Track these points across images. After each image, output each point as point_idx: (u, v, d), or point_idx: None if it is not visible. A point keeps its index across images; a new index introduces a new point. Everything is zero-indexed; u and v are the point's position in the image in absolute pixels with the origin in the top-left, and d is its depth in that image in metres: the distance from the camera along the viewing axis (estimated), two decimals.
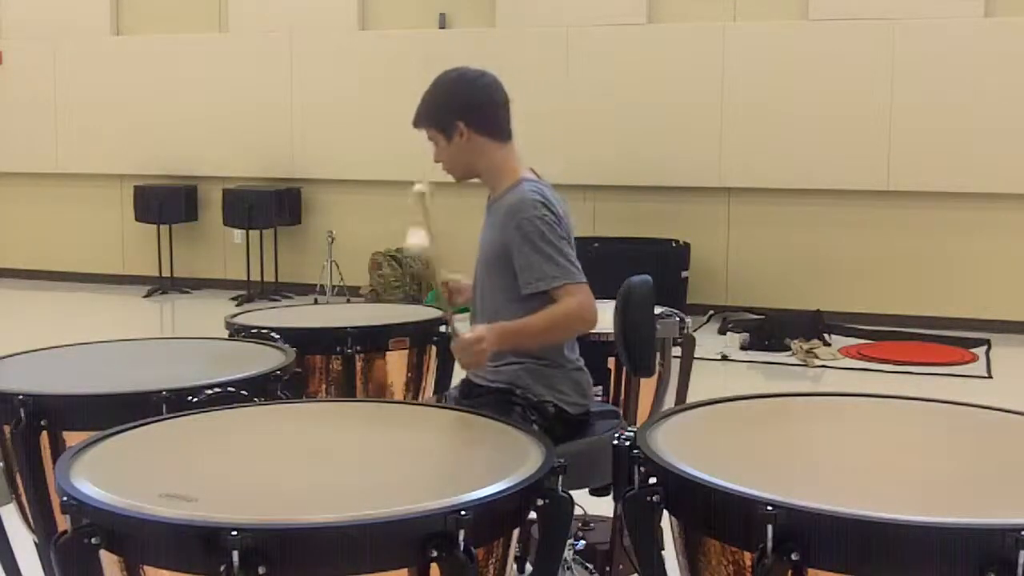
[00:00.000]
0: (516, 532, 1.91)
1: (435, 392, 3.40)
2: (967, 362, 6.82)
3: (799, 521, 1.61)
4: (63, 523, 1.71)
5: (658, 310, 2.92)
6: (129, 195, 9.38)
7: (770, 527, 1.61)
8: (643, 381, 3.09)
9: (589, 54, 8.20)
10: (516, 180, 2.66)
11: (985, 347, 7.12)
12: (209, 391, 2.37)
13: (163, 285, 9.29)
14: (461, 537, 1.64)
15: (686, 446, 1.94)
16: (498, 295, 2.64)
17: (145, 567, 1.68)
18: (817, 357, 6.83)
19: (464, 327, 2.60)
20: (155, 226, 9.29)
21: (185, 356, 2.92)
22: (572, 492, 1.93)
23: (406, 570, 1.66)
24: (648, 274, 2.83)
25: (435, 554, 1.64)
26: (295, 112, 9.02)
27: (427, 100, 2.68)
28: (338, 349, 3.16)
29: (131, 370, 2.70)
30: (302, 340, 3.02)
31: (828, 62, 7.74)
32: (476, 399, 2.66)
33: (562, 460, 1.90)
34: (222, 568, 1.56)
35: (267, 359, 2.71)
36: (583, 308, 2.52)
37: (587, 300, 2.53)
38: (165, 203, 9.16)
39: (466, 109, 2.64)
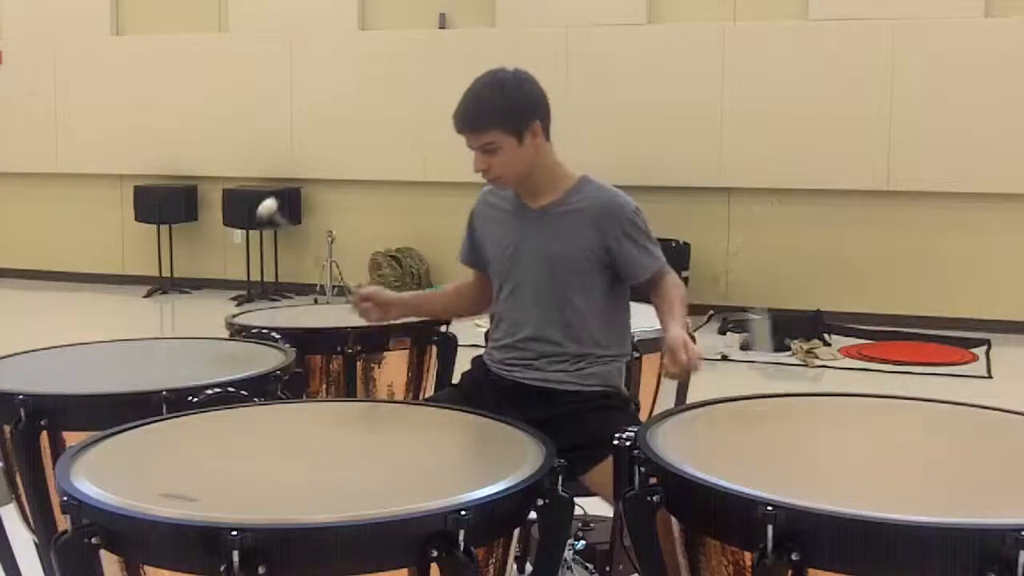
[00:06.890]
0: (516, 532, 1.91)
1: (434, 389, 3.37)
2: (967, 362, 6.81)
3: (799, 521, 1.61)
4: (63, 523, 1.71)
5: None
6: (129, 195, 9.37)
7: (770, 527, 1.61)
8: (643, 380, 3.09)
9: (589, 54, 8.20)
10: (578, 179, 2.60)
11: (985, 347, 7.11)
12: (209, 391, 2.37)
13: (163, 285, 9.28)
14: (461, 537, 1.64)
15: (686, 446, 1.94)
16: (578, 294, 2.55)
17: (145, 567, 1.68)
18: (817, 357, 6.83)
19: None
20: (155, 226, 9.28)
21: (185, 356, 2.92)
22: None
23: (406, 570, 1.66)
24: None
25: (435, 554, 1.64)
26: (295, 112, 9.02)
27: (495, 102, 2.50)
28: (338, 349, 3.14)
29: (131, 370, 2.70)
30: (302, 340, 3.01)
31: (828, 62, 7.73)
32: (564, 407, 2.49)
33: (562, 460, 1.90)
34: (222, 568, 1.56)
35: (267, 359, 2.70)
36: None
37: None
38: (165, 203, 9.15)
39: (541, 109, 2.56)
